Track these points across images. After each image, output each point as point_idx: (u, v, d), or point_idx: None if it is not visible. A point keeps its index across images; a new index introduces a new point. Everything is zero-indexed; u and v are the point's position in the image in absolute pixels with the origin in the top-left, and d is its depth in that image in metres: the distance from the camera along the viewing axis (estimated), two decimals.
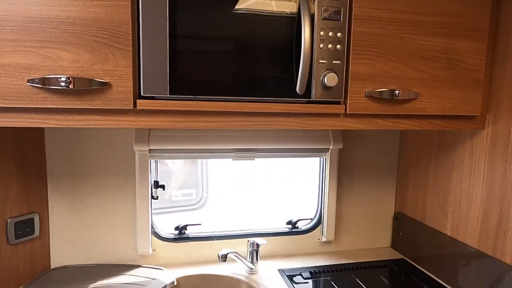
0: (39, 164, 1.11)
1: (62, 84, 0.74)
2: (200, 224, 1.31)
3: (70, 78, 0.74)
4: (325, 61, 0.88)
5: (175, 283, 1.14)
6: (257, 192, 1.64)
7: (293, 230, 1.38)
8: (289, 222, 1.40)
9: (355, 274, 1.25)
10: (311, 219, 1.40)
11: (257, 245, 1.21)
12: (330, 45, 0.88)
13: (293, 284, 1.16)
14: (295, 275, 1.21)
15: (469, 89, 1.00)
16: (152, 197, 1.22)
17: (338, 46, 0.89)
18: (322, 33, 0.87)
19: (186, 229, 1.29)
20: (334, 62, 0.89)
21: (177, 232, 1.29)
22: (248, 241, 1.22)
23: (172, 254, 1.26)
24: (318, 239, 1.39)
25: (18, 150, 1.05)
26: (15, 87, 0.74)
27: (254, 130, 1.24)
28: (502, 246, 1.00)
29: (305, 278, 1.20)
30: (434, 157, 1.25)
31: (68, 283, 1.07)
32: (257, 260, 1.22)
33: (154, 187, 1.23)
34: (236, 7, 0.83)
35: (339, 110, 0.92)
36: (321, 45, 0.88)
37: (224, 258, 1.09)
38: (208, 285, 1.18)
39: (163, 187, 1.24)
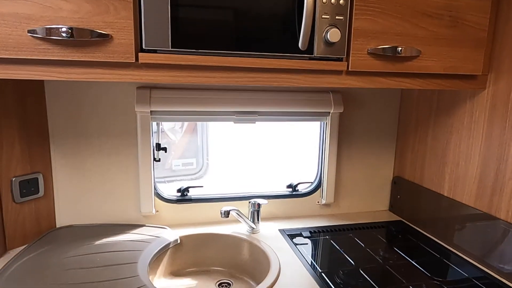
0: (40, 124, 1.11)
1: (63, 34, 0.73)
2: (202, 186, 1.33)
3: (71, 29, 0.73)
4: (328, 16, 0.88)
5: (179, 241, 1.17)
6: (258, 157, 1.66)
7: (293, 193, 1.40)
8: (289, 186, 1.42)
9: (354, 234, 1.28)
10: (311, 182, 1.43)
11: (258, 205, 1.24)
12: (333, 0, 0.87)
13: (294, 242, 1.19)
14: (295, 235, 1.25)
15: (471, 48, 1.00)
16: (154, 159, 1.23)
17: (341, 1, 0.88)
18: None
19: (188, 191, 1.32)
20: (337, 17, 0.88)
21: (179, 194, 1.31)
22: (249, 201, 1.25)
23: (175, 215, 1.29)
24: (318, 202, 1.42)
25: (19, 109, 1.05)
26: (16, 38, 0.73)
27: (256, 93, 1.24)
28: (497, 203, 1.03)
29: (305, 237, 1.24)
30: (433, 120, 1.26)
31: (74, 241, 1.09)
32: (258, 220, 1.25)
33: (156, 149, 1.24)
34: None
35: (341, 67, 0.92)
36: (324, 0, 0.86)
37: (226, 214, 1.12)
38: (211, 244, 1.22)
39: (165, 149, 1.25)
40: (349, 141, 1.40)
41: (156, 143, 1.23)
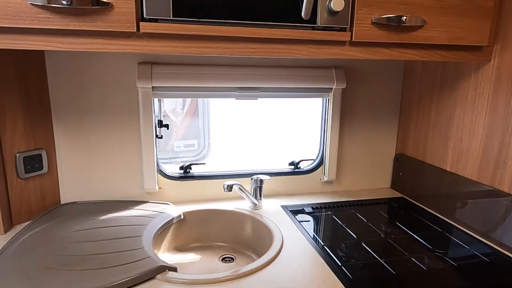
0: (43, 101, 1.11)
1: (64, 2, 0.72)
2: (204, 164, 1.34)
3: None
4: None
5: (182, 217, 1.18)
6: (260, 135, 1.65)
7: (295, 170, 1.41)
8: (291, 163, 1.42)
9: (356, 209, 1.29)
10: (313, 160, 1.43)
11: (261, 181, 1.24)
12: None
13: (296, 217, 1.20)
14: (297, 211, 1.26)
15: (477, 18, 0.98)
16: (157, 136, 1.24)
17: None
18: None
19: (190, 168, 1.32)
20: None
21: (182, 171, 1.32)
22: (251, 178, 1.25)
23: (178, 192, 1.30)
24: (320, 179, 1.42)
25: (22, 85, 1.04)
26: (16, 6, 0.72)
27: (257, 68, 1.23)
28: (501, 176, 1.03)
29: (307, 213, 1.24)
30: (437, 95, 1.25)
31: (79, 216, 1.11)
32: (260, 196, 1.26)
33: (158, 126, 1.24)
34: None
35: (345, 38, 0.91)
36: None
37: (229, 188, 1.12)
38: (214, 220, 1.23)
39: (167, 126, 1.25)
40: (351, 118, 1.40)
41: (158, 120, 1.23)
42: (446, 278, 0.88)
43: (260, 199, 1.26)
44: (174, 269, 0.87)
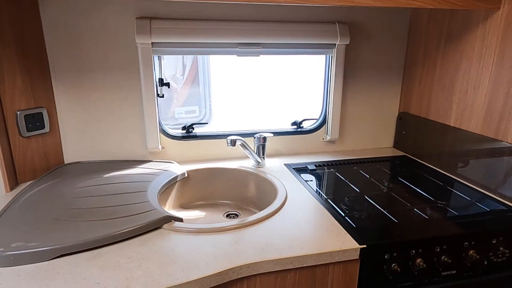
0: (40, 57, 1.08)
1: None
2: (206, 123, 1.33)
3: None
4: None
5: (186, 175, 1.19)
6: (262, 96, 1.64)
7: (298, 130, 1.40)
8: (294, 123, 1.42)
9: (358, 167, 1.30)
10: (316, 119, 1.42)
11: (264, 139, 1.24)
12: None
13: (299, 174, 1.20)
14: (300, 168, 1.26)
15: None
16: (158, 94, 1.22)
17: None
18: None
19: (192, 128, 1.31)
20: None
21: (184, 131, 1.31)
22: (254, 136, 1.25)
23: (181, 151, 1.30)
24: (323, 139, 1.42)
25: (17, 39, 1.02)
26: None
27: (259, 23, 1.20)
28: (505, 127, 1.02)
29: (310, 170, 1.25)
30: (443, 48, 1.22)
31: (83, 175, 1.11)
32: (263, 155, 1.26)
33: (159, 85, 1.22)
34: None
35: None
36: None
37: (233, 143, 1.12)
38: (218, 178, 1.23)
39: (168, 84, 1.23)
40: (354, 76, 1.38)
41: (159, 78, 1.21)
42: (447, 226, 0.89)
43: (263, 158, 1.26)
44: (180, 219, 0.88)
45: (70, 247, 0.74)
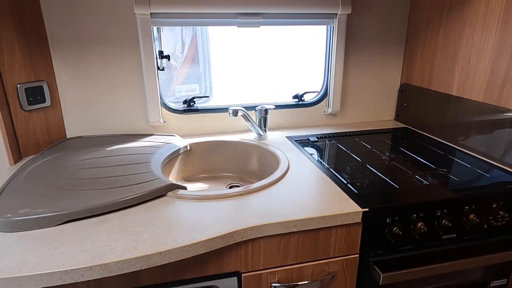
0: (38, 30, 1.07)
1: None
2: (207, 97, 1.33)
3: None
4: None
5: (188, 148, 1.19)
6: (263, 69, 1.62)
7: (300, 103, 1.40)
8: (295, 96, 1.41)
9: (360, 138, 1.30)
10: (318, 92, 1.42)
11: (265, 111, 1.24)
12: None
13: (301, 145, 1.21)
14: (302, 140, 1.27)
15: None
16: (158, 68, 1.21)
17: None
18: None
19: (194, 102, 1.31)
20: None
21: (185, 105, 1.31)
22: (255, 109, 1.25)
23: (183, 125, 1.30)
24: (324, 112, 1.42)
25: (14, 11, 1.00)
26: None
27: None
28: (507, 94, 1.02)
29: (312, 142, 1.25)
30: (446, 16, 1.20)
31: (86, 148, 1.11)
32: (265, 127, 1.26)
33: (159, 58, 1.21)
34: None
35: None
36: None
37: (235, 113, 1.12)
38: (220, 151, 1.24)
39: (168, 57, 1.22)
40: (356, 47, 1.36)
41: (158, 51, 1.20)
42: (447, 191, 0.90)
43: (265, 131, 1.26)
44: (184, 188, 0.89)
45: (77, 212, 0.75)
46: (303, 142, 1.25)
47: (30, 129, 1.10)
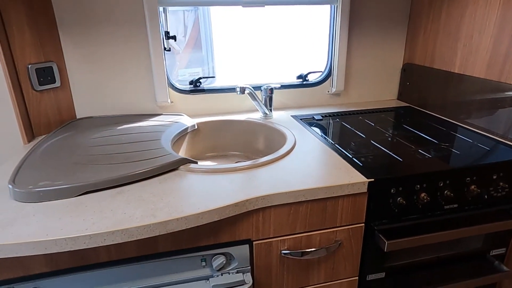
0: (46, 11, 1.09)
1: None
2: (214, 77, 1.35)
3: None
4: None
5: (196, 127, 1.22)
6: (267, 50, 1.64)
7: (304, 83, 1.42)
8: (299, 76, 1.43)
9: (363, 117, 1.32)
10: (321, 72, 1.43)
11: (271, 90, 1.26)
12: None
13: (306, 123, 1.24)
14: (307, 119, 1.29)
15: None
16: (164, 48, 1.23)
17: None
18: None
19: (200, 82, 1.33)
20: None
21: (192, 85, 1.33)
22: (261, 88, 1.27)
23: (190, 106, 1.32)
24: (328, 92, 1.44)
25: None
26: None
27: None
28: (509, 70, 1.04)
29: (317, 120, 1.28)
30: None
31: (96, 127, 1.14)
32: (270, 106, 1.28)
33: (165, 38, 1.22)
34: None
35: None
36: None
37: (242, 90, 1.14)
38: (227, 130, 1.27)
39: (174, 38, 1.24)
40: (359, 27, 1.38)
41: (165, 31, 1.22)
42: (450, 163, 0.93)
43: (271, 110, 1.29)
44: (195, 162, 0.92)
45: (94, 184, 0.78)
46: (308, 121, 1.27)
47: (42, 109, 1.12)
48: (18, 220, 0.68)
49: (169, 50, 1.24)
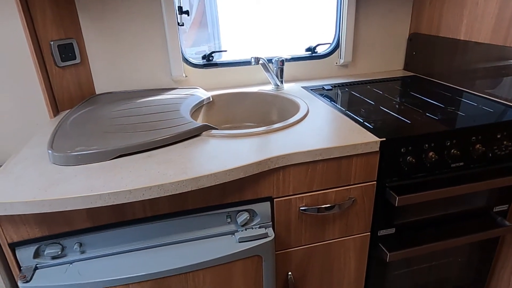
0: None
1: None
2: (226, 51, 1.38)
3: None
4: None
5: (211, 99, 1.27)
6: (275, 23, 1.66)
7: (313, 55, 1.46)
8: (308, 49, 1.47)
9: (371, 86, 1.37)
10: (330, 43, 1.47)
11: (282, 62, 1.30)
12: None
13: (317, 93, 1.28)
14: (317, 89, 1.34)
15: None
16: (178, 23, 1.26)
17: None
18: None
19: (212, 56, 1.37)
20: None
21: (204, 60, 1.37)
22: (272, 61, 1.31)
23: (203, 80, 1.37)
24: (336, 63, 1.48)
25: None
26: None
27: None
28: None
29: (327, 90, 1.33)
30: None
31: (117, 101, 1.19)
32: (282, 78, 1.33)
33: (178, 13, 1.26)
34: None
35: None
36: None
37: (256, 61, 1.19)
38: (241, 102, 1.32)
39: (187, 12, 1.27)
40: None
41: (178, 6, 1.25)
42: (456, 123, 0.98)
43: (282, 81, 1.33)
44: (216, 128, 0.98)
45: (126, 148, 0.84)
46: (318, 91, 1.32)
47: (65, 84, 1.18)
48: (62, 180, 0.74)
49: (183, 24, 1.28)
